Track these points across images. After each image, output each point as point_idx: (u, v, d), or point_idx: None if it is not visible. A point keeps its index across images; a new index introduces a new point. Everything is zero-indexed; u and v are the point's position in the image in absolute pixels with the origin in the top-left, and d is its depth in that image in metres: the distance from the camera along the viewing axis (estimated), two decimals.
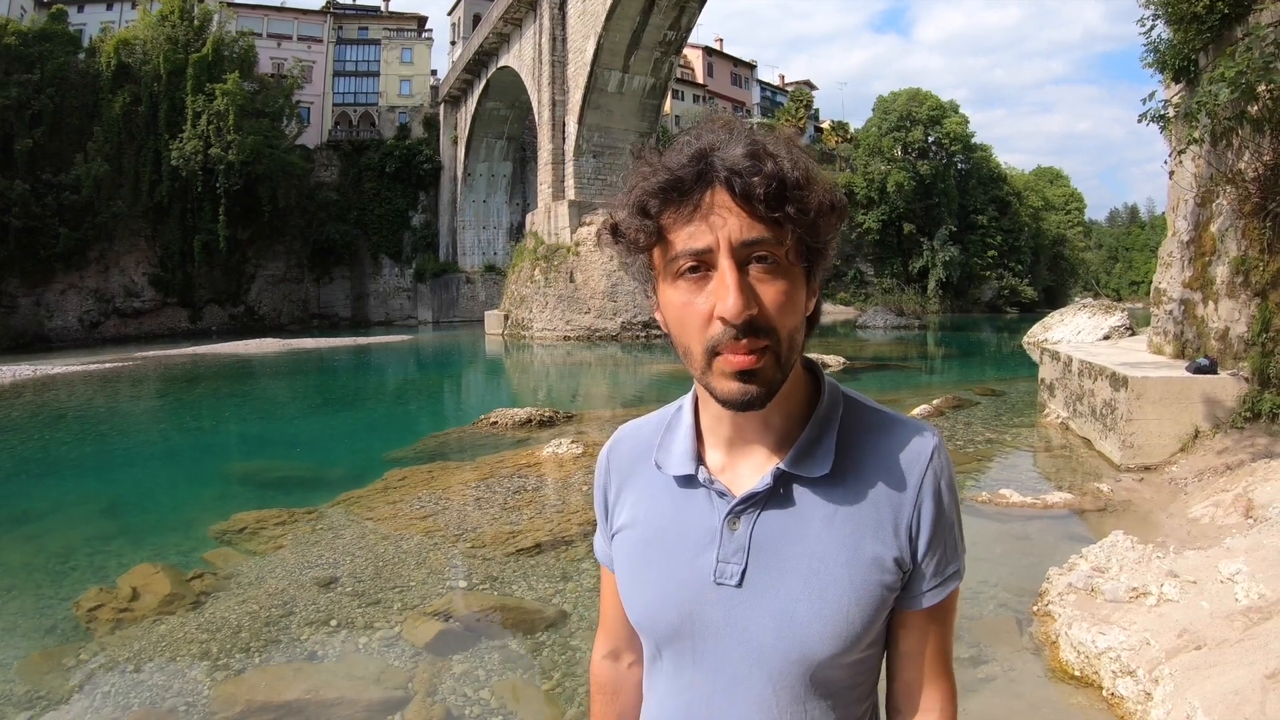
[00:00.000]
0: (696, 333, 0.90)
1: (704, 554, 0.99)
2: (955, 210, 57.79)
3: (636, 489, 1.09)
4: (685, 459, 1.04)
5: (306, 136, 53.39)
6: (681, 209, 0.89)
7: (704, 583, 0.99)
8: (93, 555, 6.48)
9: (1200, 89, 7.68)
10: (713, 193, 0.88)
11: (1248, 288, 7.64)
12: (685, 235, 0.89)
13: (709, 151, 0.90)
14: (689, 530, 1.02)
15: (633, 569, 1.07)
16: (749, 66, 73.24)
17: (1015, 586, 4.99)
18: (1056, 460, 8.96)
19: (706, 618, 0.99)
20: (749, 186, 0.87)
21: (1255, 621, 3.46)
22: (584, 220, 32.53)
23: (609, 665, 1.24)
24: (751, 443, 1.01)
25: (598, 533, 1.19)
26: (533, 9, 36.85)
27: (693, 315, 0.90)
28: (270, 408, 16.61)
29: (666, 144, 0.96)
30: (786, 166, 0.88)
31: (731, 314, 0.86)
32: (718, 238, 0.87)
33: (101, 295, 44.46)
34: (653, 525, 1.05)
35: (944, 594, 1.00)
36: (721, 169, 0.88)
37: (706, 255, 0.88)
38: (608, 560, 1.16)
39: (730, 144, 0.90)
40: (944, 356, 26.63)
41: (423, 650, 4.40)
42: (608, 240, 0.99)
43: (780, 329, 0.89)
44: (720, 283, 0.87)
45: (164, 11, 45.69)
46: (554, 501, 7.64)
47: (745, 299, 0.87)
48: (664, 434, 1.09)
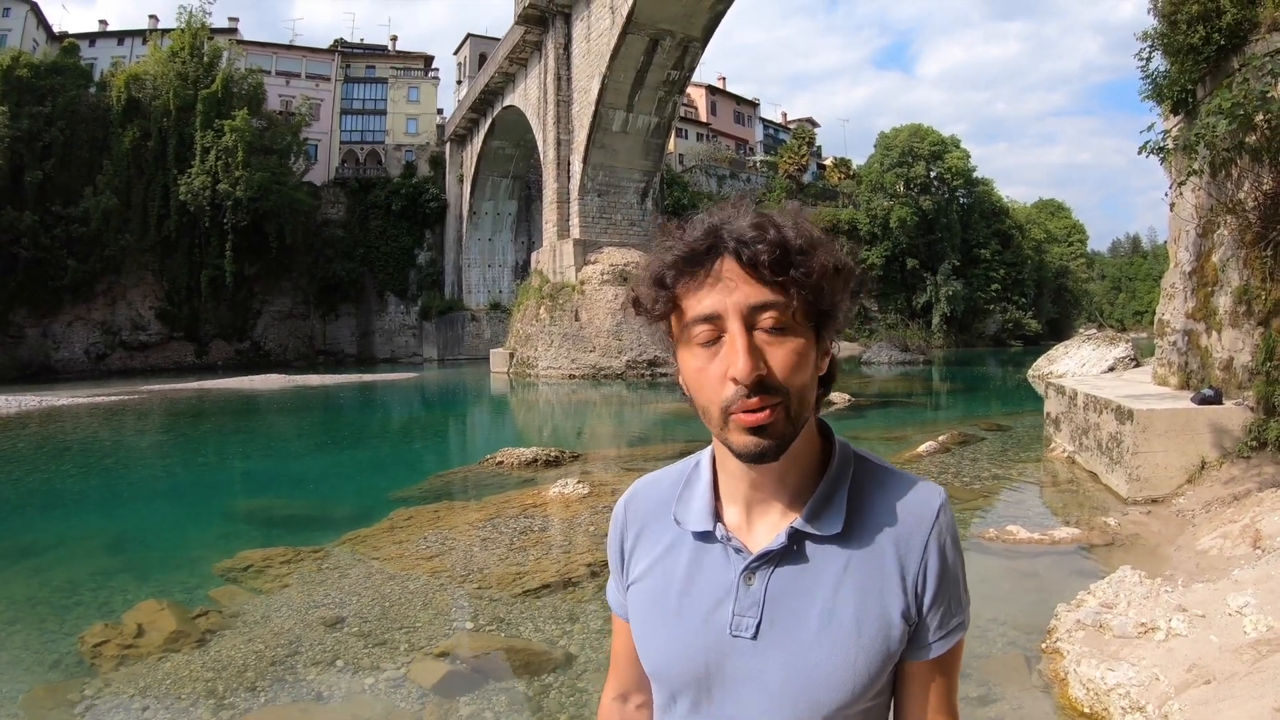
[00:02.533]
0: (713, 394, 0.96)
1: (721, 607, 1.03)
2: (958, 244, 58.00)
3: (654, 542, 1.13)
4: (704, 515, 1.08)
5: (314, 174, 53.95)
6: (694, 279, 0.97)
7: (720, 635, 1.02)
8: (97, 590, 6.46)
9: (1199, 120, 7.76)
10: (722, 262, 0.96)
11: (1251, 317, 7.66)
12: (697, 302, 0.97)
13: (719, 226, 0.97)
14: (706, 584, 1.06)
15: (649, 620, 1.10)
16: (752, 104, 74.05)
17: (1023, 623, 4.95)
18: (1063, 495, 8.92)
19: (722, 668, 1.02)
20: (755, 254, 0.94)
21: (1264, 654, 3.44)
22: (589, 259, 32.70)
23: (617, 707, 1.26)
24: (767, 500, 1.06)
25: (611, 581, 1.22)
26: (538, 49, 37.37)
27: (708, 378, 0.96)
28: (276, 444, 16.62)
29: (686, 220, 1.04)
30: (790, 234, 0.95)
31: (742, 375, 0.92)
32: (727, 303, 0.94)
33: (108, 328, 44.76)
34: (670, 578, 1.09)
35: (949, 645, 1.04)
36: (729, 239, 0.95)
37: (717, 320, 0.95)
38: (620, 608, 1.19)
39: (738, 217, 0.98)
40: (949, 391, 26.58)
41: (430, 692, 4.37)
42: (630, 312, 1.07)
43: (790, 387, 0.95)
44: (731, 346, 0.94)
45: (174, 48, 46.41)
46: (560, 542, 7.61)
47: (754, 361, 0.93)
48: (682, 489, 1.13)
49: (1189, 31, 8.28)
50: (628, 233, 34.45)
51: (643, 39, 30.41)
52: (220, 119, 44.44)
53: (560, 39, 34.64)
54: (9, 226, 39.37)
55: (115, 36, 55.36)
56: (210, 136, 44.19)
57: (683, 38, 31.18)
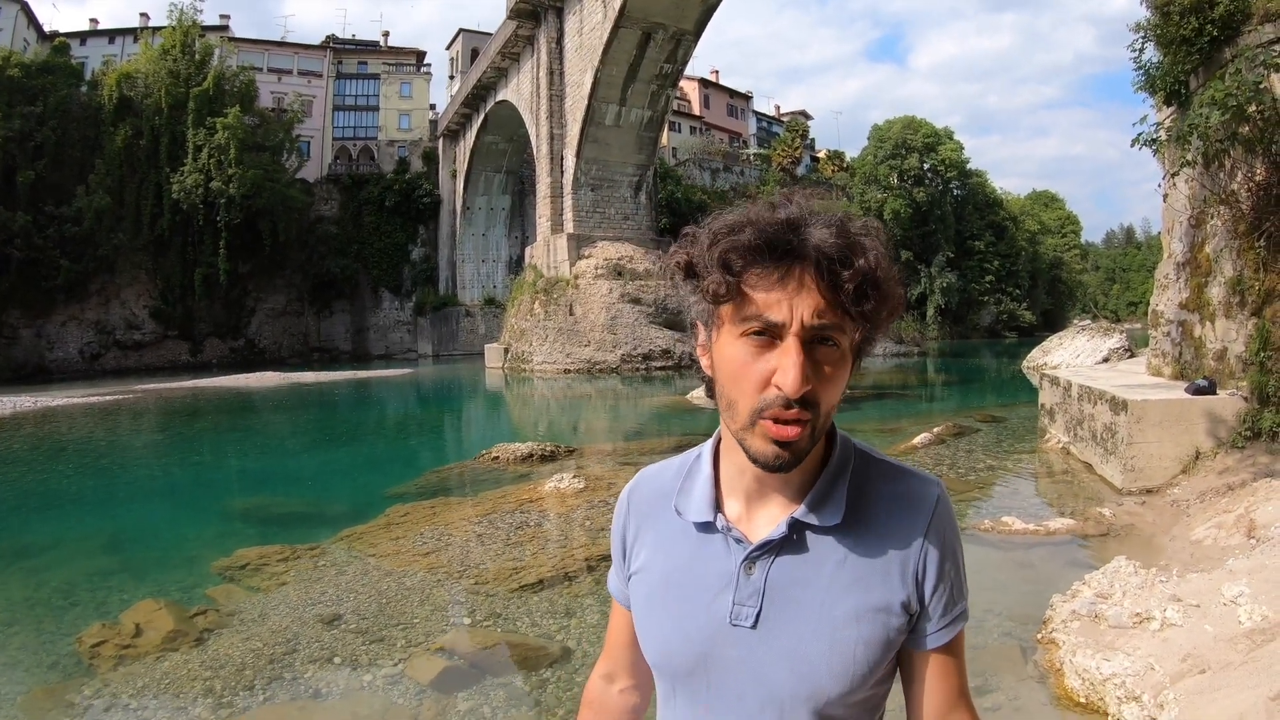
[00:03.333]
0: (749, 392, 0.94)
1: (721, 597, 1.04)
2: (952, 236, 58.03)
3: (656, 532, 1.14)
4: (705, 506, 1.08)
5: (306, 170, 53.79)
6: (765, 275, 0.92)
7: (720, 624, 1.03)
8: (95, 590, 6.45)
9: (1192, 111, 7.78)
10: (801, 270, 0.92)
11: (1244, 307, 7.69)
12: (763, 301, 0.92)
13: (801, 225, 0.93)
14: (707, 574, 1.06)
15: (651, 609, 1.11)
16: (745, 97, 73.96)
17: (1019, 614, 4.97)
18: (1058, 486, 8.95)
19: (722, 657, 1.03)
20: (838, 277, 0.91)
21: (1259, 644, 3.46)
22: (583, 253, 32.71)
23: (602, 685, 1.28)
24: (769, 493, 1.06)
25: (613, 569, 1.23)
26: (530, 44, 37.29)
27: (749, 375, 0.94)
28: (271, 442, 16.59)
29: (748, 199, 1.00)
30: (874, 263, 0.93)
31: (791, 389, 0.90)
32: (794, 314, 0.91)
33: (102, 327, 44.65)
34: (671, 568, 1.10)
35: (953, 633, 1.05)
36: (813, 249, 0.92)
37: (778, 328, 0.92)
38: (620, 596, 1.21)
39: (822, 223, 0.94)
40: (944, 383, 26.64)
41: (427, 688, 4.37)
42: (678, 276, 1.01)
43: (823, 404, 0.94)
44: (786, 356, 0.91)
45: (165, 46, 46.22)
46: (557, 537, 7.62)
47: (805, 377, 0.91)
48: (684, 481, 1.13)
49: (1181, 23, 8.29)
50: (621, 226, 34.45)
51: (635, 32, 30.38)
52: (212, 117, 44.30)
53: (553, 33, 34.58)
54: (1, 227, 39.23)
55: (106, 35, 55.08)
56: (202, 134, 44.05)
57: (675, 31, 31.16)
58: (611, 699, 1.27)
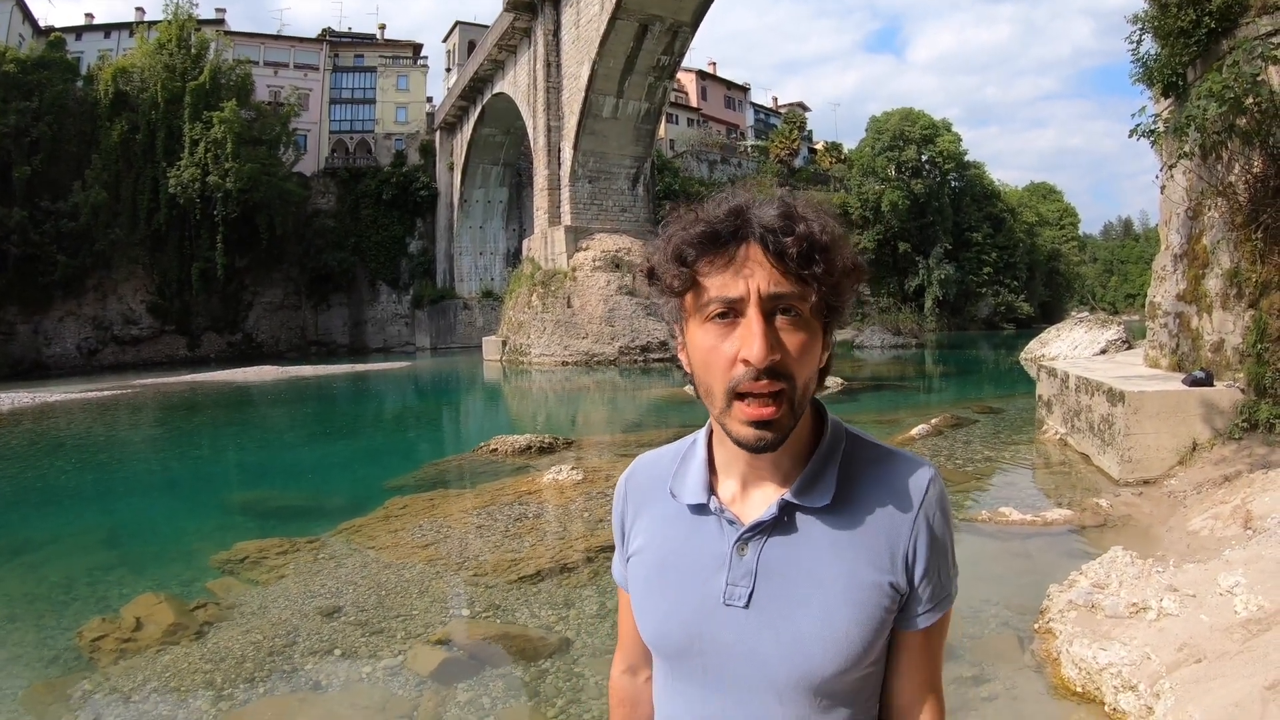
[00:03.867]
0: (720, 374, 0.98)
1: (714, 577, 1.06)
2: (950, 228, 57.99)
3: (652, 515, 1.16)
4: (698, 489, 1.10)
5: (303, 164, 53.54)
6: (716, 259, 0.97)
7: (714, 604, 1.05)
8: (94, 585, 6.47)
9: (1189, 103, 7.78)
10: (747, 247, 0.97)
11: (1241, 299, 7.70)
12: (718, 284, 0.97)
13: (745, 209, 0.98)
14: (700, 555, 1.08)
15: (647, 590, 1.13)
16: (742, 89, 73.81)
17: (1016, 604, 5.00)
18: (1055, 476, 8.98)
19: (716, 637, 1.04)
20: (781, 245, 0.95)
21: (1254, 633, 3.48)
22: (581, 245, 32.65)
23: (627, 680, 1.30)
24: (761, 475, 1.08)
25: (615, 555, 1.25)
26: (527, 36, 37.16)
27: (718, 358, 0.98)
28: (269, 436, 16.61)
29: (701, 201, 1.04)
30: (816, 229, 0.97)
31: (756, 358, 0.94)
32: (749, 289, 0.95)
33: (99, 323, 44.52)
34: (666, 549, 1.12)
35: (938, 615, 1.07)
36: (757, 226, 0.96)
37: (737, 304, 0.96)
38: (624, 582, 1.22)
39: (765, 204, 0.99)
40: (942, 375, 26.66)
41: (427, 679, 4.40)
42: (643, 283, 1.07)
43: (797, 376, 0.97)
44: (747, 329, 0.95)
45: (161, 40, 45.92)
46: (555, 528, 7.64)
47: (769, 345, 0.94)
48: (679, 465, 1.15)
49: (1179, 14, 8.27)
50: (619, 219, 34.39)
51: (632, 24, 30.26)
52: (209, 111, 44.05)
53: (550, 25, 34.44)
54: None
55: (102, 30, 54.78)
56: (199, 128, 43.84)
57: (672, 23, 31.04)
58: (641, 690, 1.28)
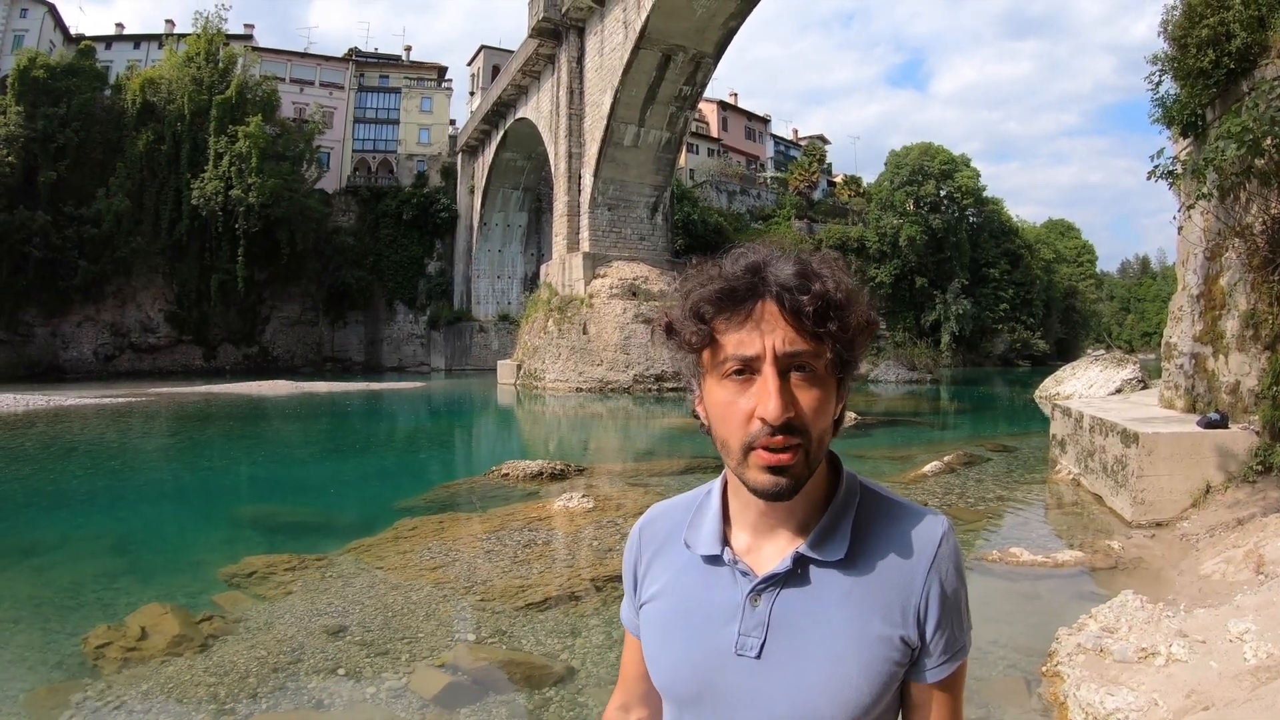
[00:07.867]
0: (737, 429, 1.00)
1: (727, 627, 1.07)
2: (967, 263, 57.88)
3: (665, 564, 1.17)
4: (712, 540, 1.12)
5: (325, 181, 54.29)
6: (734, 317, 1.00)
7: (726, 654, 1.06)
8: (101, 592, 6.49)
9: (1207, 144, 7.79)
10: (764, 305, 0.99)
11: (1258, 341, 7.66)
12: (735, 341, 1.00)
13: (762, 266, 1.01)
14: (714, 605, 1.10)
15: (660, 638, 1.14)
16: (763, 121, 74.27)
17: (1024, 647, 4.94)
18: (1068, 517, 8.89)
19: (727, 686, 1.06)
20: (798, 304, 0.98)
21: (1263, 681, 3.44)
22: (598, 272, 32.80)
23: (619, 716, 1.31)
24: (775, 527, 1.10)
25: (625, 601, 1.27)
26: (551, 62, 37.60)
27: (735, 413, 1.00)
28: (282, 451, 16.66)
29: (721, 255, 1.06)
30: (831, 287, 0.99)
31: (772, 417, 0.96)
32: (765, 346, 0.98)
33: (117, 329, 45.08)
34: (680, 599, 1.13)
35: (952, 669, 1.08)
36: (774, 284, 0.99)
37: (753, 361, 0.98)
38: (632, 627, 1.24)
39: (782, 262, 1.01)
40: (956, 411, 26.54)
41: (430, 702, 4.38)
42: (662, 338, 1.09)
43: (812, 430, 1.00)
44: (763, 387, 0.98)
45: (190, 53, 46.86)
46: (564, 556, 7.63)
47: (785, 403, 0.97)
48: (693, 515, 1.17)
49: (1199, 55, 8.31)
50: (637, 247, 34.55)
51: (655, 54, 30.59)
52: (234, 125, 44.85)
53: (573, 52, 34.85)
54: (21, 226, 39.72)
55: (131, 40, 55.96)
56: (224, 142, 44.57)
57: (695, 53, 31.37)
58: None
